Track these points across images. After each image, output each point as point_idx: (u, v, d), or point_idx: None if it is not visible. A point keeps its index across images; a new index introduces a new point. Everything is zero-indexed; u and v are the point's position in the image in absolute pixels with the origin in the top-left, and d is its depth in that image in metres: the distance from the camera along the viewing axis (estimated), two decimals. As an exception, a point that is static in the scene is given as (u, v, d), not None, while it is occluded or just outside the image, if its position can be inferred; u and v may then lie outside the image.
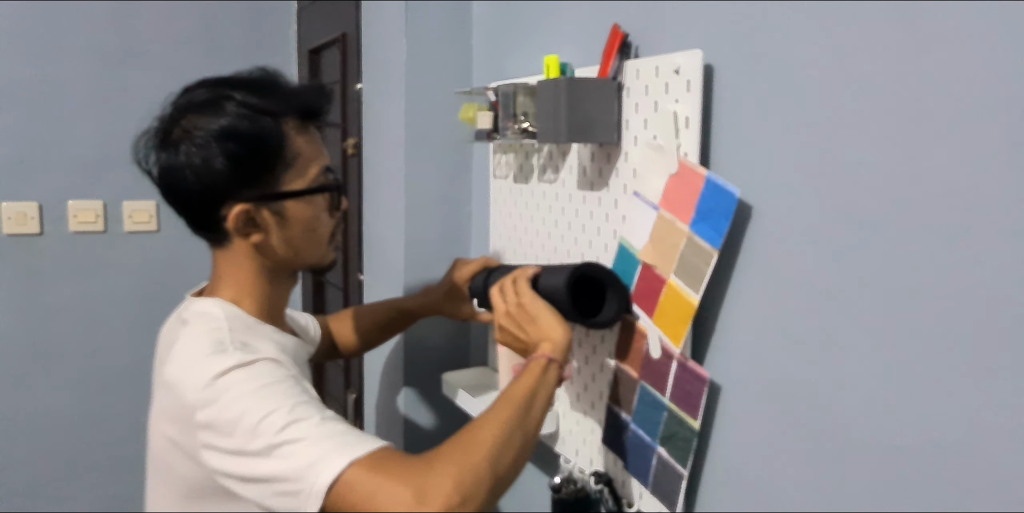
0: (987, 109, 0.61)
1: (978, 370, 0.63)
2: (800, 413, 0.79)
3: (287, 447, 0.79)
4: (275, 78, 0.98)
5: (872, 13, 0.69)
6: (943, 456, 0.66)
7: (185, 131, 0.91)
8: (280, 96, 0.95)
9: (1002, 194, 0.60)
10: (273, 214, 0.94)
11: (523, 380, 0.91)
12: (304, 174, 0.95)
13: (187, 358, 0.90)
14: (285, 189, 0.94)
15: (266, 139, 0.91)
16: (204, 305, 0.97)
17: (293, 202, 0.95)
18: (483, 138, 1.24)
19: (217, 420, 0.83)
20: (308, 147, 0.96)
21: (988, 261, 0.62)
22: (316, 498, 0.77)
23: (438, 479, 0.77)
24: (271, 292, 1.00)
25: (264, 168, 0.92)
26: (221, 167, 0.90)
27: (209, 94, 0.93)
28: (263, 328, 0.98)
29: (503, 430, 0.84)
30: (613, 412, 1.04)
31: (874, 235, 0.70)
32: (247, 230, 0.94)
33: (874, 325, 0.71)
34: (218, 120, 0.90)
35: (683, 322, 0.88)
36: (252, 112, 0.91)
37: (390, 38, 1.48)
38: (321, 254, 1.01)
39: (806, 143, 0.77)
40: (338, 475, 0.77)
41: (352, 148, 1.77)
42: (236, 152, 0.90)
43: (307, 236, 0.97)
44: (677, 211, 0.90)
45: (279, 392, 0.84)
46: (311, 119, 0.97)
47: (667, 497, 0.93)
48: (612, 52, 0.98)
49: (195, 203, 0.94)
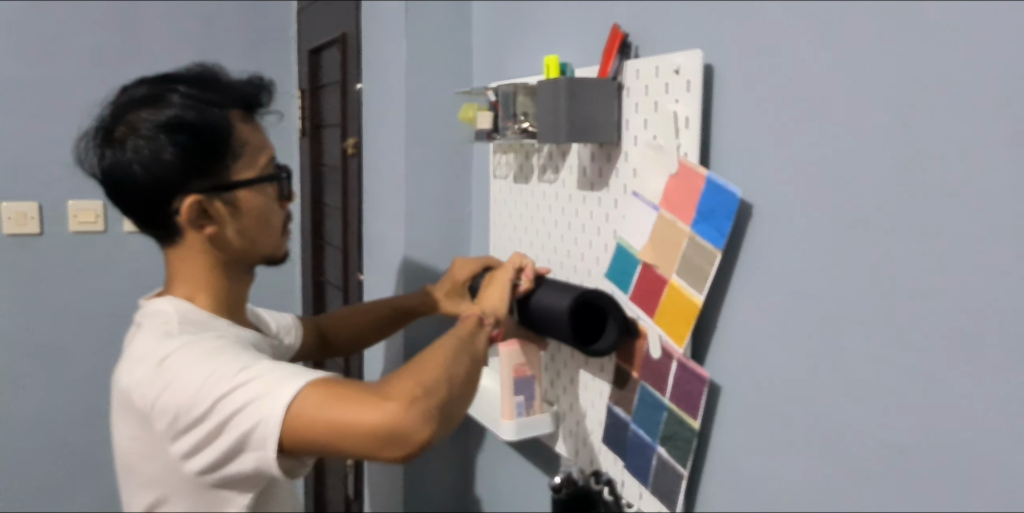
0: (989, 108, 0.61)
1: (979, 370, 0.62)
2: (800, 413, 0.79)
3: (240, 389, 0.81)
4: (215, 72, 0.99)
5: (873, 12, 0.69)
6: (944, 456, 0.65)
7: (130, 127, 0.91)
8: (222, 88, 0.96)
9: (1004, 194, 0.60)
10: (225, 205, 0.94)
11: (458, 328, 0.98)
12: (253, 163, 0.96)
13: (135, 356, 0.91)
14: (236, 178, 0.94)
15: (214, 128, 0.92)
16: (157, 305, 0.97)
17: (245, 192, 0.95)
18: (483, 138, 1.24)
19: (171, 402, 0.83)
20: (254, 137, 0.97)
21: (989, 261, 0.61)
22: (274, 426, 0.78)
23: (399, 381, 0.81)
24: (227, 287, 0.99)
25: (214, 158, 0.93)
26: (171, 158, 0.90)
27: (152, 89, 0.93)
28: (217, 322, 0.97)
29: (450, 355, 0.89)
30: (613, 412, 1.04)
31: (875, 235, 0.70)
32: (201, 222, 0.94)
33: (875, 325, 0.71)
34: (164, 112, 0.91)
35: (686, 322, 0.88)
36: (198, 103, 0.92)
37: (390, 38, 1.48)
38: (275, 244, 1.01)
39: (807, 143, 0.77)
40: (296, 393, 0.79)
41: (352, 148, 1.77)
42: (185, 142, 0.90)
43: (260, 226, 0.98)
44: (678, 211, 0.89)
45: (223, 352, 0.86)
46: (255, 110, 0.98)
47: (667, 497, 0.93)
48: (612, 52, 0.98)
49: (145, 198, 0.93)
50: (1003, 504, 0.61)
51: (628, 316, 1.01)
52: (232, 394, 0.81)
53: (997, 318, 0.61)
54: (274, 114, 1.00)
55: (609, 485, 1.05)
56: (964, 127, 0.63)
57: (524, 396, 1.17)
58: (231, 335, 0.94)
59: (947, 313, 0.65)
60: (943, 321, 0.65)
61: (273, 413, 0.79)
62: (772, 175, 0.81)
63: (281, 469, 0.81)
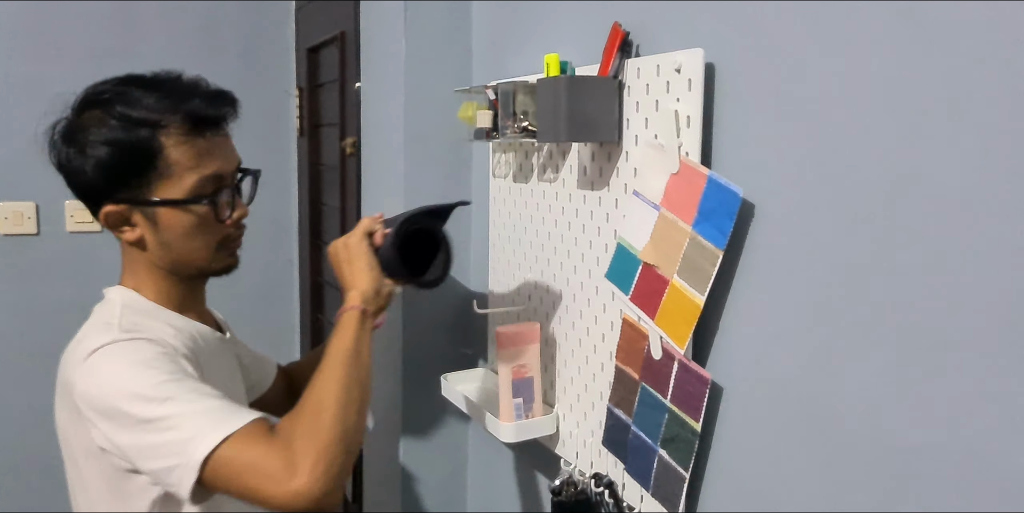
0: (990, 107, 0.61)
1: (981, 371, 0.62)
2: (803, 415, 0.78)
3: (159, 424, 0.84)
4: (173, 83, 1.00)
5: (874, 11, 0.69)
6: (945, 458, 0.65)
7: (67, 132, 0.98)
8: (168, 103, 0.96)
9: (1007, 193, 0.60)
10: (146, 218, 0.98)
11: (343, 335, 0.96)
12: (179, 184, 0.96)
13: (75, 339, 0.97)
14: (157, 197, 0.97)
15: (137, 149, 0.94)
16: (108, 293, 1.03)
17: (166, 209, 0.97)
18: (482, 137, 1.23)
19: (94, 398, 0.88)
20: (188, 156, 0.96)
21: (992, 260, 0.61)
22: (191, 473, 0.83)
23: (301, 452, 0.84)
24: (170, 283, 1.03)
25: (133, 175, 0.96)
26: (92, 170, 0.96)
27: (100, 96, 0.97)
28: (161, 313, 1.01)
29: (342, 390, 0.91)
30: (613, 414, 1.03)
31: (877, 235, 0.70)
32: (120, 227, 0.99)
33: (877, 326, 0.70)
34: (95, 126, 0.95)
35: (687, 323, 0.87)
36: (128, 123, 0.94)
37: (389, 36, 1.47)
38: (206, 259, 1.02)
39: (809, 142, 0.76)
40: (211, 452, 0.83)
41: (351, 147, 1.76)
42: (105, 160, 0.95)
43: (184, 242, 0.99)
44: (679, 211, 0.89)
45: (151, 367, 0.88)
46: (201, 124, 0.97)
47: (668, 499, 0.93)
48: (613, 50, 0.97)
49: (81, 197, 1.01)
50: (1005, 505, 0.61)
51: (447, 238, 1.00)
52: (152, 426, 0.85)
53: (1000, 318, 0.61)
54: (221, 129, 1.00)
55: (610, 488, 1.05)
56: (966, 125, 0.62)
57: (523, 398, 1.16)
58: (169, 342, 0.95)
59: (950, 313, 0.64)
60: (946, 321, 0.65)
61: (190, 464, 0.83)
62: (774, 174, 0.80)
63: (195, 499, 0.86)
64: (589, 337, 1.11)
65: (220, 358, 1.07)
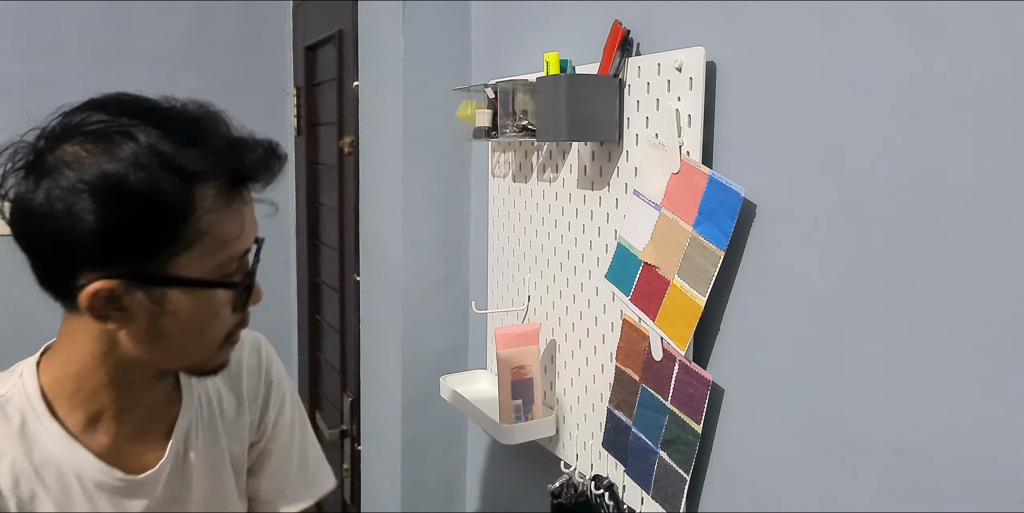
0: (992, 105, 0.60)
1: (984, 372, 0.62)
2: (804, 416, 0.78)
3: None
4: (213, 121, 0.71)
5: (875, 9, 0.68)
6: (948, 459, 0.65)
7: (59, 162, 0.66)
8: (209, 149, 0.68)
9: (1009, 193, 0.59)
10: (149, 300, 0.70)
11: None
12: (207, 260, 0.70)
13: None
14: (173, 273, 0.69)
15: (165, 204, 0.66)
16: (19, 365, 0.80)
17: (180, 292, 0.71)
18: (481, 136, 1.23)
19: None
20: (225, 225, 0.71)
21: (994, 260, 0.61)
22: None
23: None
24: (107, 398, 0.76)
25: (150, 241, 0.67)
26: (86, 226, 0.65)
27: (111, 121, 0.67)
28: (46, 426, 0.75)
29: None
30: (614, 415, 1.03)
31: (879, 235, 0.69)
32: (105, 312, 0.70)
33: (880, 326, 0.70)
34: (103, 162, 0.65)
35: (688, 324, 0.86)
36: (157, 163, 0.66)
37: (387, 35, 1.46)
38: (204, 357, 0.77)
39: (810, 141, 0.76)
40: None
41: (348, 146, 1.75)
42: (115, 212, 0.65)
43: (187, 336, 0.73)
44: (680, 211, 0.88)
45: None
46: (243, 186, 0.72)
47: (669, 502, 0.92)
48: (613, 49, 0.96)
49: (44, 259, 0.71)
50: (1006, 506, 0.61)
51: None
52: None
53: (1004, 319, 0.60)
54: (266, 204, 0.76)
55: (610, 490, 1.04)
56: (969, 124, 0.62)
57: (523, 399, 1.16)
58: (9, 463, 0.73)
59: (952, 313, 0.64)
60: (948, 322, 0.64)
61: None
62: (775, 174, 0.79)
63: None
64: (589, 338, 1.10)
65: (72, 495, 0.77)
